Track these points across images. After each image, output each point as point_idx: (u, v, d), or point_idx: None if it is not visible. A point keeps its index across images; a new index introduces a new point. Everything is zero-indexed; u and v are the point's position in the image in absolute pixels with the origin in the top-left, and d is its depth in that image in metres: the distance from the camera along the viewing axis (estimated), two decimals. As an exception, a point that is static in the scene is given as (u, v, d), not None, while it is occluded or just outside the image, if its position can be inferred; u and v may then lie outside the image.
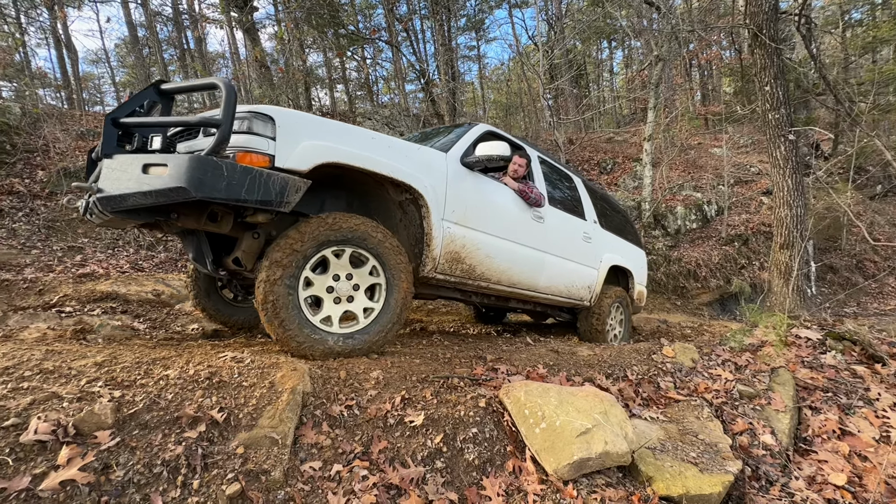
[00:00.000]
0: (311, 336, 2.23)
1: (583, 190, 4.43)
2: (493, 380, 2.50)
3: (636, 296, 5.08)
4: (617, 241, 4.74)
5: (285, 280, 2.15)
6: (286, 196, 2.05)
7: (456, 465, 1.93)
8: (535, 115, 17.40)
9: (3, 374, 1.66)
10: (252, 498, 1.52)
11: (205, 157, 1.88)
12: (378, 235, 2.41)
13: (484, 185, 3.07)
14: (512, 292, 3.42)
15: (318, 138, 2.22)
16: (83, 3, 15.37)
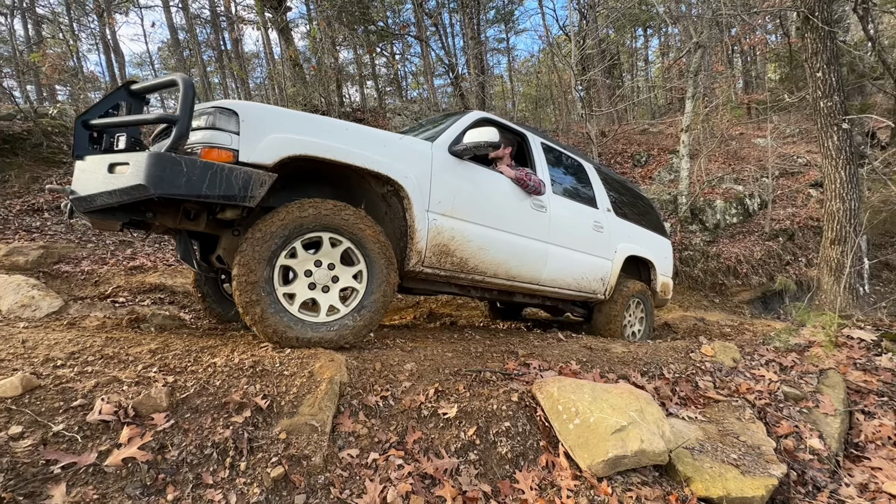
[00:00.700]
0: (287, 324, 2.16)
1: (594, 177, 4.19)
2: (526, 375, 2.50)
3: (660, 288, 4.77)
4: (636, 230, 4.44)
5: (258, 271, 2.09)
6: (250, 190, 2.01)
7: (489, 457, 1.95)
8: (566, 108, 17.04)
9: (70, 358, 1.80)
10: (295, 481, 1.59)
11: (163, 154, 1.86)
12: (354, 221, 2.30)
13: (475, 174, 2.94)
14: (512, 286, 3.27)
15: (285, 131, 2.16)
16: (130, 9, 16.16)
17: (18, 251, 4.13)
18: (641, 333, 4.52)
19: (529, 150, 3.53)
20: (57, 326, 2.47)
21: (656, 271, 4.67)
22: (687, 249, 8.80)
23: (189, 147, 2.03)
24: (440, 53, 14.02)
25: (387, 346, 2.65)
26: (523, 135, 3.55)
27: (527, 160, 3.53)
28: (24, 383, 1.55)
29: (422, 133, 3.16)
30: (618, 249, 4.08)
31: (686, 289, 8.43)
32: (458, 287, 3.14)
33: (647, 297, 4.49)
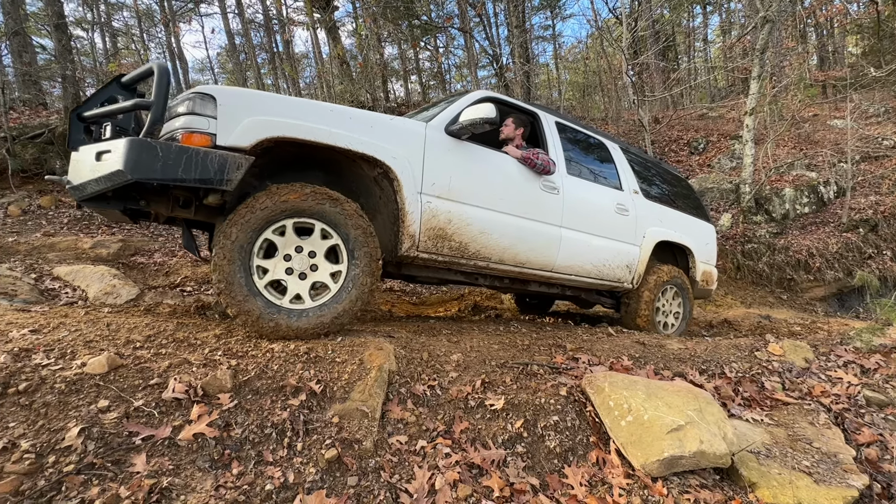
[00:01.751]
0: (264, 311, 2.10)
1: (619, 157, 3.91)
2: (574, 369, 2.44)
3: (700, 277, 4.35)
4: (670, 213, 4.11)
5: (236, 255, 2.07)
6: (226, 174, 1.99)
7: (537, 451, 1.93)
8: (616, 95, 16.32)
9: (147, 340, 1.96)
10: (347, 464, 1.65)
11: (139, 140, 1.89)
12: (333, 205, 2.23)
13: (476, 155, 2.81)
14: (522, 273, 3.08)
15: (264, 114, 2.13)
16: (192, 18, 17.25)
17: (101, 244, 4.56)
18: (677, 326, 4.15)
19: (541, 129, 3.32)
20: (135, 312, 2.70)
21: (695, 258, 4.28)
22: (750, 242, 8.19)
23: (172, 132, 2.07)
24: (484, 44, 13.84)
25: (433, 336, 2.68)
26: (535, 114, 3.34)
27: (538, 140, 3.32)
28: (109, 362, 1.71)
29: (424, 114, 3.06)
30: (647, 234, 3.78)
31: (749, 284, 7.86)
32: (463, 274, 3.01)
33: (683, 285, 4.11)
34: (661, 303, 4.02)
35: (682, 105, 15.84)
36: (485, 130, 2.65)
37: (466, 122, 2.63)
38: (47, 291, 3.47)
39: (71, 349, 1.79)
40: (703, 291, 4.58)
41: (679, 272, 4.09)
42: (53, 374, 1.63)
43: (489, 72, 18.83)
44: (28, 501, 1.29)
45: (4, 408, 1.50)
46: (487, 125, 2.59)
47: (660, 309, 4.01)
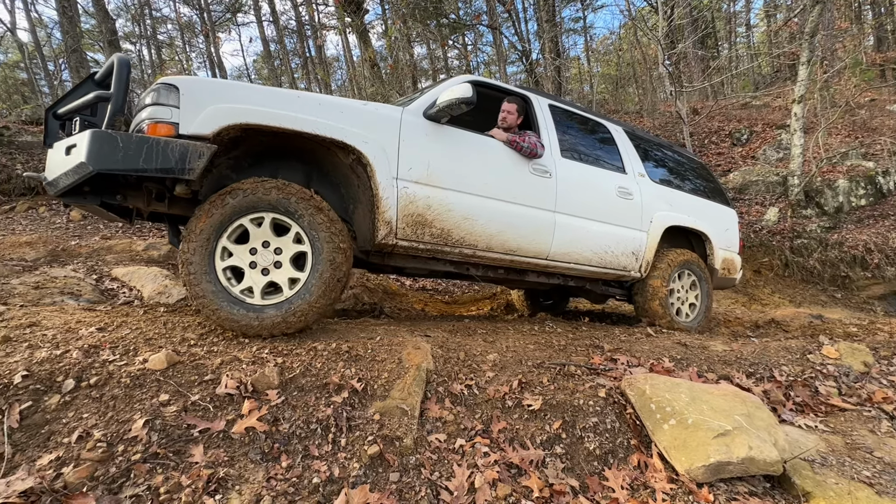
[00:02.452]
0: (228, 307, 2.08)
1: (622, 139, 3.74)
2: (613, 370, 2.40)
3: (720, 264, 4.09)
4: (682, 197, 3.91)
5: (200, 251, 2.08)
6: (187, 162, 1.97)
7: (576, 452, 1.91)
8: (651, 86, 15.79)
9: (200, 338, 2.08)
10: (389, 460, 1.70)
11: (99, 131, 1.91)
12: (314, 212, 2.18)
13: (457, 139, 2.72)
14: (514, 261, 2.97)
15: (227, 102, 2.11)
16: (230, 28, 17.98)
17: (153, 247, 4.85)
18: (696, 314, 3.89)
19: (533, 112, 3.21)
20: (187, 311, 2.86)
21: (713, 244, 4.03)
22: (800, 237, 7.75)
23: (139, 124, 2.08)
24: (513, 40, 13.71)
25: (469, 336, 2.70)
26: (526, 97, 3.22)
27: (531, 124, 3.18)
28: (168, 359, 1.82)
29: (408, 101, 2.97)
30: (654, 219, 3.59)
31: (798, 282, 7.45)
32: (452, 264, 2.91)
33: (699, 270, 3.88)
34: (676, 288, 3.80)
35: (724, 95, 15.14)
36: (462, 112, 2.56)
37: (443, 104, 2.55)
38: (107, 291, 3.73)
39: (133, 346, 1.92)
40: (725, 281, 4.29)
41: (692, 255, 3.87)
42: (119, 370, 1.76)
43: (518, 67, 18.66)
44: (102, 486, 1.40)
45: (78, 400, 1.63)
46: (464, 105, 2.49)
47: (674, 294, 3.78)
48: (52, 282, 3.47)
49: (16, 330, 1.94)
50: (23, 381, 1.63)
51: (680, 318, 3.79)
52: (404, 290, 5.35)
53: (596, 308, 5.53)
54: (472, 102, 2.48)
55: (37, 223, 5.88)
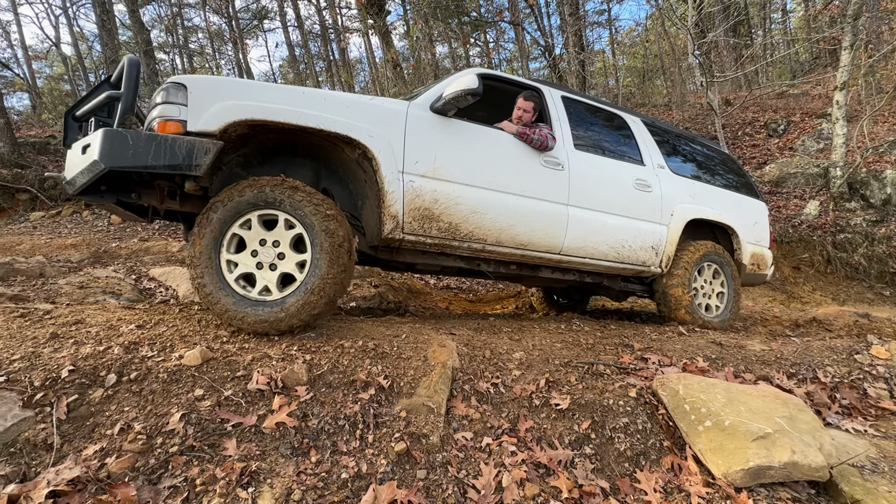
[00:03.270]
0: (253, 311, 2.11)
1: (641, 131, 3.64)
2: (643, 370, 2.33)
3: (748, 259, 3.90)
4: (706, 189, 3.77)
5: (208, 272, 2.12)
6: (194, 159, 2.02)
7: (605, 453, 1.87)
8: (680, 78, 15.29)
9: (232, 336, 2.14)
10: (416, 457, 1.70)
11: (111, 130, 1.97)
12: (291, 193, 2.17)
13: (465, 132, 2.69)
14: (525, 256, 2.90)
15: (233, 99, 2.15)
16: (257, 34, 18.48)
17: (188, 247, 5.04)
18: (722, 309, 3.71)
19: (545, 104, 3.15)
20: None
21: (740, 238, 3.85)
22: (843, 232, 7.35)
23: (151, 122, 2.14)
24: (536, 35, 13.54)
25: (494, 334, 2.68)
26: (538, 90, 3.16)
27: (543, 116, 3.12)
28: (202, 355, 1.88)
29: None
30: (675, 212, 3.46)
31: (842, 279, 7.07)
32: (462, 259, 2.87)
33: (725, 263, 3.72)
34: (699, 283, 3.64)
35: (758, 84, 14.51)
36: (468, 103, 2.54)
37: (449, 96, 2.52)
38: (145, 290, 3.89)
39: (170, 343, 1.99)
40: (755, 277, 4.07)
41: (716, 247, 3.70)
42: (157, 365, 1.83)
43: (541, 63, 18.43)
44: (142, 477, 1.46)
45: (120, 394, 1.71)
46: (470, 97, 2.47)
47: (698, 289, 3.63)
48: (95, 282, 3.65)
49: (63, 327, 2.04)
50: (69, 375, 1.72)
51: (706, 314, 3.63)
52: (428, 288, 5.36)
53: (624, 307, 5.40)
54: (478, 93, 2.45)
55: (81, 226, 6.19)
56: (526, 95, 3.00)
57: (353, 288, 4.49)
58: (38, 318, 2.12)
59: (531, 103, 2.98)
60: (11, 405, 1.57)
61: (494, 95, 3.19)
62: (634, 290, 3.71)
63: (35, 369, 1.73)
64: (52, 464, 1.46)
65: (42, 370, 1.72)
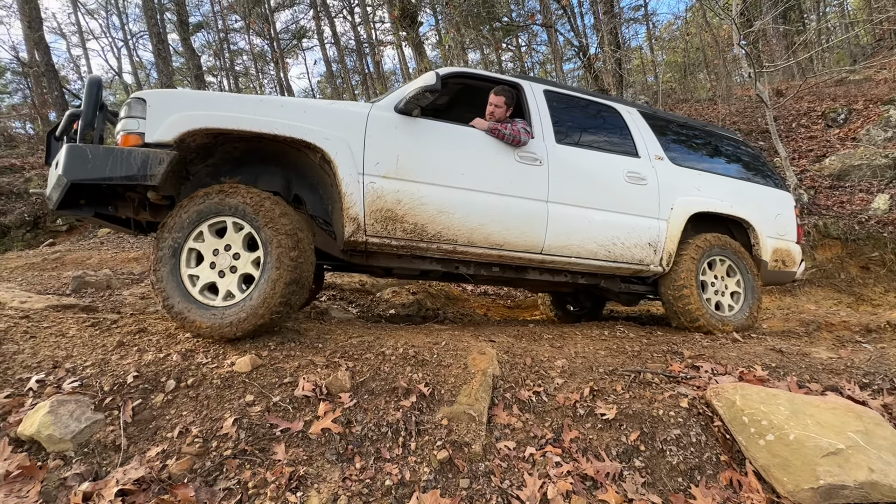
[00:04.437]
0: (191, 309, 2.12)
1: (635, 121, 3.43)
2: (695, 378, 2.21)
3: (770, 256, 3.56)
4: (716, 180, 3.51)
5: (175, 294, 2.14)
6: (149, 169, 2.08)
7: (656, 466, 1.78)
8: (725, 70, 14.56)
9: (278, 345, 2.22)
10: (458, 466, 1.69)
11: (72, 146, 2.07)
12: (197, 198, 2.18)
13: (431, 131, 2.64)
14: (503, 256, 2.78)
15: (188, 110, 2.19)
16: (297, 53, 19.34)
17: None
18: (738, 308, 3.39)
19: (524, 99, 3.05)
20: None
21: (757, 232, 3.52)
22: (918, 227, 6.69)
23: (117, 136, 2.21)
24: (569, 36, 13.34)
25: (535, 341, 2.64)
26: (516, 85, 3.07)
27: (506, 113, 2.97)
28: (252, 362, 1.97)
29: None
30: (675, 206, 3.22)
31: (918, 278, 6.42)
32: (438, 262, 2.79)
33: (738, 258, 3.43)
34: (709, 279, 3.37)
35: (813, 72, 13.58)
36: (428, 101, 2.51)
37: (409, 95, 2.51)
38: (199, 300, 4.12)
39: (222, 350, 2.09)
40: (780, 275, 3.70)
41: (726, 239, 3.40)
42: (211, 372, 1.93)
43: (575, 64, 18.12)
44: (199, 479, 1.53)
45: (178, 399, 1.81)
46: (428, 94, 2.44)
47: (707, 285, 3.36)
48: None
49: (127, 336, 2.20)
50: (134, 380, 1.84)
51: (718, 313, 3.32)
52: (466, 294, 5.35)
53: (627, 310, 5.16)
54: (435, 90, 2.42)
55: (141, 241, 6.65)
56: (497, 90, 2.91)
57: (391, 295, 4.56)
58: (106, 327, 2.29)
59: (501, 97, 2.89)
60: (85, 408, 1.70)
61: (481, 95, 3.12)
62: (638, 291, 3.50)
63: (104, 375, 1.86)
64: (119, 464, 1.57)
65: (111, 376, 1.86)
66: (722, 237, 3.40)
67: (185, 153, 2.24)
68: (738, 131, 9.96)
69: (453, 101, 3.57)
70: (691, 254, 3.24)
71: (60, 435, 1.58)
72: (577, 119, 3.27)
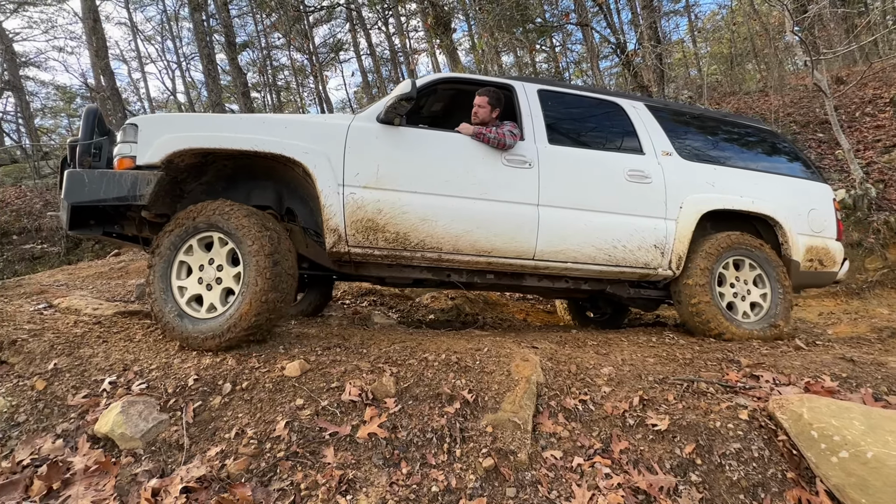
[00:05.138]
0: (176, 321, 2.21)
1: (641, 116, 3.24)
2: (755, 389, 2.09)
3: (801, 255, 3.24)
4: (735, 174, 3.25)
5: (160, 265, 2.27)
6: (138, 190, 2.23)
7: (715, 482, 1.69)
8: (776, 58, 13.72)
9: (325, 351, 2.28)
10: (504, 474, 1.67)
11: (70, 171, 2.26)
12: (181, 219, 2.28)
13: (412, 139, 2.64)
14: (493, 263, 2.72)
15: (175, 132, 2.31)
16: (335, 65, 20.00)
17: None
18: (763, 315, 3.10)
19: (516, 100, 2.98)
20: (311, 323, 3.18)
21: (786, 229, 3.22)
22: None
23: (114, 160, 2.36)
24: (605, 33, 13.02)
25: (579, 348, 2.58)
26: (507, 86, 3.00)
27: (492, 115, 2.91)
28: (301, 367, 2.03)
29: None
30: (685, 204, 3.01)
31: None
32: (429, 270, 2.78)
33: (762, 258, 3.15)
34: (727, 281, 3.11)
35: (878, 55, 12.55)
36: (405, 109, 2.52)
37: (388, 105, 2.54)
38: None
39: (273, 355, 2.18)
40: (818, 276, 3.37)
41: (746, 238, 3.14)
42: (263, 376, 2.01)
43: (612, 61, 17.65)
44: (255, 479, 1.60)
45: (234, 401, 1.90)
46: (404, 102, 2.46)
47: (726, 283, 3.10)
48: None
49: (187, 340, 2.33)
50: (194, 383, 1.95)
51: (741, 319, 3.07)
52: (504, 300, 5.30)
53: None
54: (411, 97, 2.44)
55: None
56: (480, 91, 2.88)
57: (430, 300, 4.59)
58: (168, 332, 2.43)
59: (485, 98, 2.85)
60: (151, 409, 1.82)
61: (466, 98, 3.06)
62: (650, 296, 3.29)
63: (168, 378, 1.99)
64: (183, 462, 1.66)
65: (173, 378, 1.98)
66: (741, 236, 3.15)
67: (174, 173, 2.40)
68: (793, 123, 9.36)
69: (448, 107, 3.55)
70: (704, 255, 3.03)
71: (131, 433, 1.70)
72: (576, 118, 3.19)
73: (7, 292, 3.22)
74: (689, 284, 3.00)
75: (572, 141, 3.06)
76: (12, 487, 1.55)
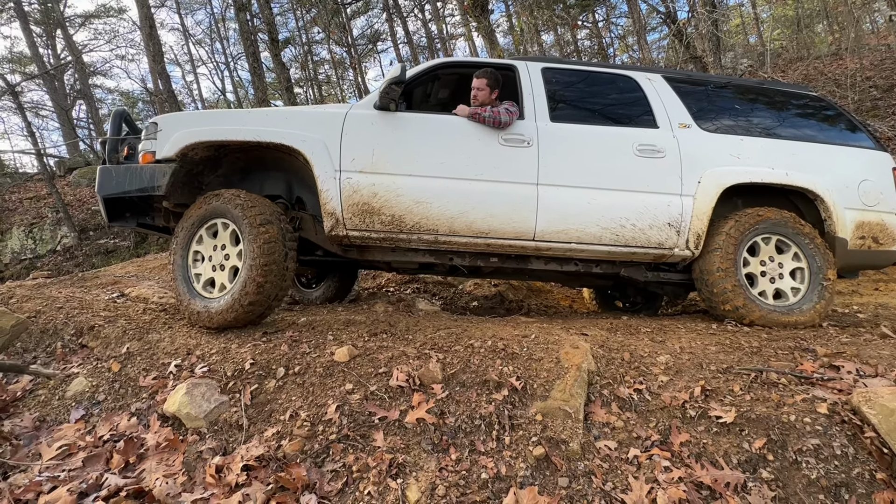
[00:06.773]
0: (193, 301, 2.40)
1: (656, 88, 3.03)
2: (835, 380, 1.90)
3: (849, 232, 2.88)
4: (767, 144, 2.92)
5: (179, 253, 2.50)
6: (155, 181, 2.46)
7: (790, 480, 1.55)
8: (852, 17, 12.34)
9: (371, 337, 2.31)
10: (556, 463, 1.63)
11: (101, 167, 2.55)
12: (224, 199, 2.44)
13: (408, 123, 2.69)
14: (491, 245, 2.68)
15: (188, 128, 2.52)
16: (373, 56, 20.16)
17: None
18: (800, 298, 2.77)
19: (518, 80, 2.91)
20: (358, 310, 3.24)
21: (828, 204, 2.86)
22: None
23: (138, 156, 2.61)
24: (653, 3, 12.21)
25: (632, 335, 2.46)
26: (511, 67, 2.96)
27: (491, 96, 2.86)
28: (349, 352, 2.07)
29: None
30: (704, 178, 2.77)
31: None
32: (430, 254, 2.81)
33: (799, 236, 2.81)
34: (755, 262, 2.81)
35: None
36: (397, 93, 2.59)
37: (381, 90, 2.61)
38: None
39: (323, 340, 2.24)
40: (873, 255, 2.99)
41: (783, 215, 2.83)
42: (314, 360, 2.07)
43: (660, 33, 16.60)
44: (310, 460, 1.65)
45: (288, 385, 1.96)
46: (395, 86, 2.54)
47: (754, 265, 2.81)
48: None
49: (243, 326, 2.43)
50: (251, 367, 2.04)
51: (772, 303, 2.79)
52: (549, 287, 5.18)
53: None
54: (401, 81, 2.52)
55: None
56: (478, 73, 2.86)
57: (473, 287, 4.56)
58: (225, 319, 2.55)
59: (483, 80, 2.82)
60: (213, 391, 1.91)
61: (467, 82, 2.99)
62: (670, 279, 3.05)
63: (227, 362, 2.09)
64: (242, 441, 1.74)
65: (232, 362, 2.08)
66: (772, 211, 2.85)
67: (190, 166, 2.61)
68: (873, 88, 8.41)
69: (455, 93, 3.49)
70: (728, 233, 2.77)
71: (195, 413, 1.80)
72: (584, 95, 3.07)
73: (86, 283, 3.52)
74: (711, 265, 2.77)
75: (578, 118, 2.95)
76: (96, 460, 1.69)
